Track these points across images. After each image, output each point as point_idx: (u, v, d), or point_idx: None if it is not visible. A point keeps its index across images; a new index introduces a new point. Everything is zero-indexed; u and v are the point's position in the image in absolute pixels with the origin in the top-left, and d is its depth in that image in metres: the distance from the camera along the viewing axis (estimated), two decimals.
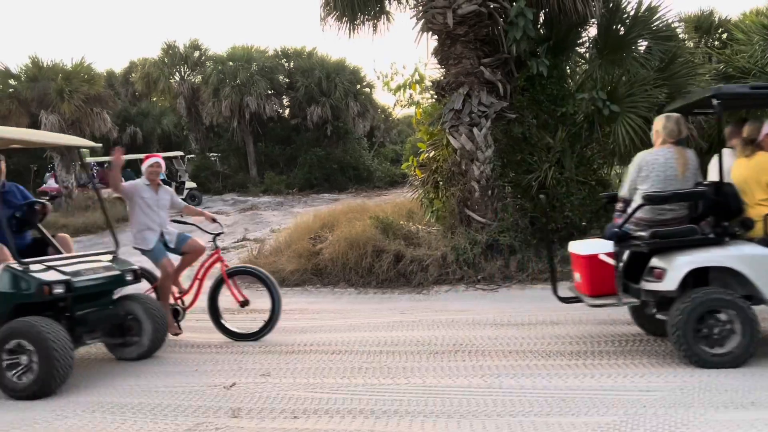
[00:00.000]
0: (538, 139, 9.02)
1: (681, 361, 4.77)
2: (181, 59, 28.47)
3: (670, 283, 4.62)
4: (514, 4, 8.59)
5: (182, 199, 23.63)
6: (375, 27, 10.92)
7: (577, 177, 9.01)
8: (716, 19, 16.13)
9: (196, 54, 28.69)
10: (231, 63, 26.96)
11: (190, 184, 22.73)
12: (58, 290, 4.91)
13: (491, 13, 8.77)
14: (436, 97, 10.09)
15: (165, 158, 24.90)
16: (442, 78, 9.60)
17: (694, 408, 3.90)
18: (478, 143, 8.86)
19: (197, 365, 5.47)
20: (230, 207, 21.45)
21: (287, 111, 29.34)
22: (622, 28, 9.42)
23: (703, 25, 15.85)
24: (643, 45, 9.58)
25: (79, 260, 5.45)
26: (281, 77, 28.49)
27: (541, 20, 9.60)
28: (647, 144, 9.16)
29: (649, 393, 4.18)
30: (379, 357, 5.38)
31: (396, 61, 39.73)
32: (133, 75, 30.77)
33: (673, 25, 9.94)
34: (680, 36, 12.05)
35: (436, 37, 9.39)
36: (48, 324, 4.75)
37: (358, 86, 28.82)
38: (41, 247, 5.80)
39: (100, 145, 6.72)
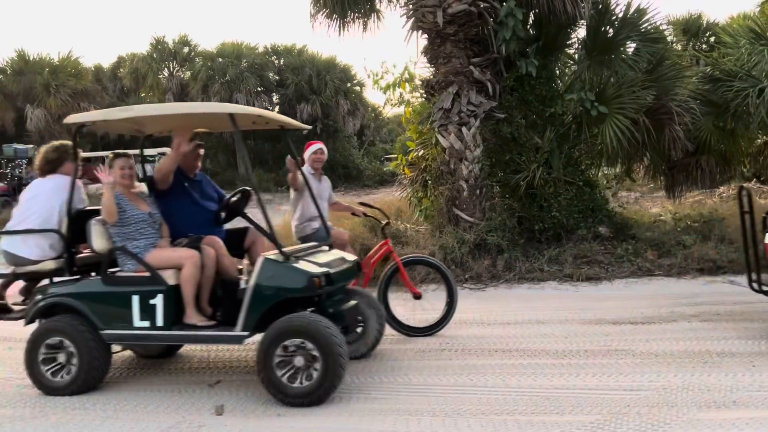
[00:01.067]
0: (527, 139, 9.05)
1: (665, 360, 4.80)
2: (170, 55, 28.33)
3: None
4: (504, 4, 8.61)
5: None
6: (365, 25, 10.92)
7: (565, 177, 9.05)
8: (704, 22, 16.29)
9: (185, 50, 28.55)
10: (220, 59, 26.85)
11: None
12: (324, 283, 4.39)
13: (481, 13, 8.78)
14: (425, 96, 10.10)
15: (148, 156, 24.69)
16: (431, 77, 9.61)
17: (677, 407, 3.92)
18: (467, 142, 8.87)
19: (181, 363, 5.43)
20: None
21: (277, 108, 29.24)
22: (610, 30, 9.48)
23: (692, 28, 16.00)
24: (631, 47, 9.64)
25: (312, 251, 4.94)
26: (271, 74, 28.42)
27: (531, 20, 9.63)
28: (634, 145, 9.26)
29: (633, 392, 4.20)
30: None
31: (386, 60, 39.62)
32: (121, 70, 30.57)
33: (661, 28, 10.02)
34: (668, 38, 12.16)
35: (426, 35, 9.39)
36: (326, 321, 4.22)
37: (349, 84, 28.81)
38: (238, 239, 5.35)
39: (310, 127, 6.43)
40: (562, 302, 7.25)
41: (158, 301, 4.45)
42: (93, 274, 4.87)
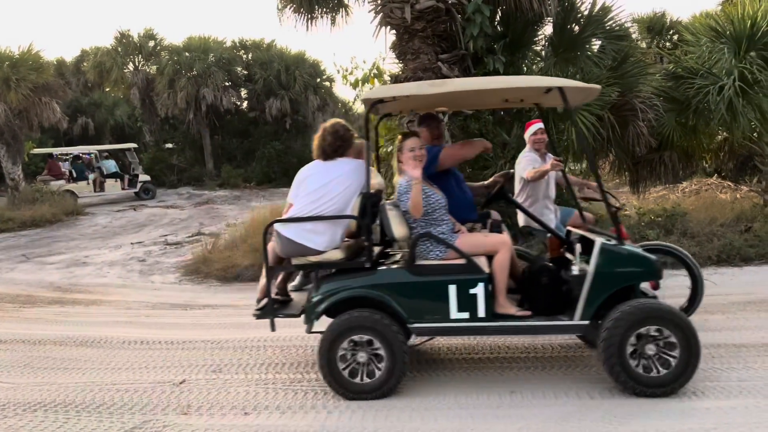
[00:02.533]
0: (494, 135, 9.11)
1: None
2: (135, 48, 27.79)
3: None
4: (471, 0, 8.64)
5: (135, 193, 23.18)
6: (333, 20, 10.86)
7: None
8: (668, 20, 16.59)
9: (151, 43, 28.03)
10: (187, 53, 26.42)
11: (143, 177, 22.22)
12: None
13: (449, 9, 8.80)
14: None
15: (117, 150, 24.21)
16: (400, 73, 9.59)
17: (640, 398, 3.99)
18: None
19: (146, 361, 5.34)
20: (185, 201, 21.06)
21: (245, 103, 28.94)
22: (576, 27, 9.58)
23: (656, 26, 16.28)
24: (596, 44, 9.76)
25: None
26: (239, 69, 28.08)
27: (498, 17, 9.68)
28: (599, 141, 9.39)
29: (598, 384, 4.27)
30: None
31: (356, 55, 39.53)
32: (84, 64, 29.89)
33: (626, 26, 10.17)
34: (633, 36, 12.34)
35: (394, 31, 9.37)
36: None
37: (318, 80, 28.61)
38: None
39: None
40: None
41: (479, 290, 4.13)
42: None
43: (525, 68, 10.30)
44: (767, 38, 9.24)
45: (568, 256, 4.61)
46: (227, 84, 26.94)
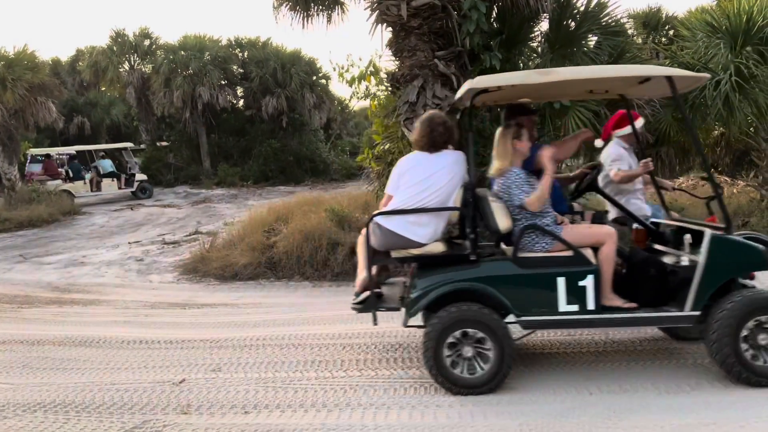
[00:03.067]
0: (491, 132, 9.10)
1: (626, 348, 4.92)
2: (130, 48, 27.69)
3: None
4: None
5: (132, 192, 23.14)
6: (329, 18, 10.84)
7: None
8: (663, 16, 16.58)
9: (147, 42, 27.94)
10: (183, 52, 26.35)
11: (140, 176, 22.18)
12: None
13: (445, 6, 8.78)
14: (390, 89, 10.07)
15: (114, 150, 24.16)
16: (396, 70, 9.57)
17: (638, 393, 4.01)
18: None
19: (145, 361, 5.34)
20: (182, 200, 21.03)
21: (241, 102, 28.87)
22: (572, 23, 9.57)
23: (651, 21, 16.27)
24: (592, 40, 9.76)
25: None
26: (235, 67, 28.01)
27: (495, 14, 9.67)
28: (596, 137, 9.39)
29: (597, 380, 4.28)
30: (332, 350, 5.36)
31: (352, 53, 39.51)
32: (80, 63, 29.81)
33: (621, 21, 10.15)
34: (629, 32, 12.34)
35: (390, 29, 9.36)
36: None
37: (314, 78, 28.55)
38: None
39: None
40: None
41: (588, 282, 4.09)
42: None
43: (521, 65, 10.30)
44: (763, 33, 9.25)
45: (658, 247, 4.60)
46: (223, 82, 26.88)
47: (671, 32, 15.67)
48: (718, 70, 9.34)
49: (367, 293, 4.46)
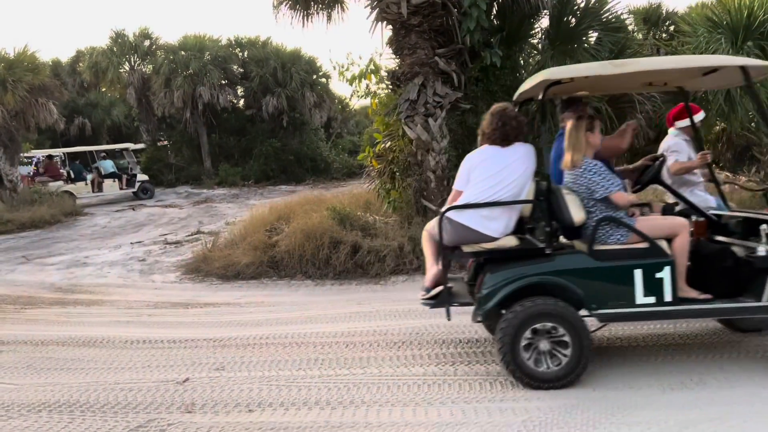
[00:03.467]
0: None
1: (630, 344, 4.91)
2: (130, 48, 27.68)
3: None
4: None
5: (133, 192, 23.14)
6: (329, 16, 10.85)
7: None
8: (664, 11, 16.53)
9: (147, 43, 27.93)
10: (183, 52, 26.33)
11: (141, 177, 22.19)
12: None
13: (445, 3, 8.78)
14: (391, 87, 10.07)
15: (113, 151, 24.10)
16: (397, 68, 9.58)
17: (642, 389, 4.01)
18: (434, 134, 8.89)
19: (149, 361, 5.35)
20: (184, 200, 21.03)
21: (242, 101, 28.85)
22: (573, 20, 9.57)
23: (652, 17, 16.22)
24: (593, 36, 9.76)
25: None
26: (235, 67, 27.99)
27: (495, 11, 9.67)
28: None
29: (600, 376, 4.28)
30: (335, 348, 5.36)
31: (352, 51, 39.47)
32: (80, 64, 29.80)
33: (622, 17, 10.16)
34: (629, 28, 12.33)
35: (390, 27, 9.36)
36: None
37: (315, 76, 28.52)
38: None
39: None
40: None
41: (665, 274, 4.06)
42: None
43: (522, 61, 10.30)
44: (764, 28, 9.24)
45: (720, 239, 4.58)
46: (223, 82, 26.86)
47: (672, 28, 15.63)
48: None
49: (440, 288, 4.41)
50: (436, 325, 5.93)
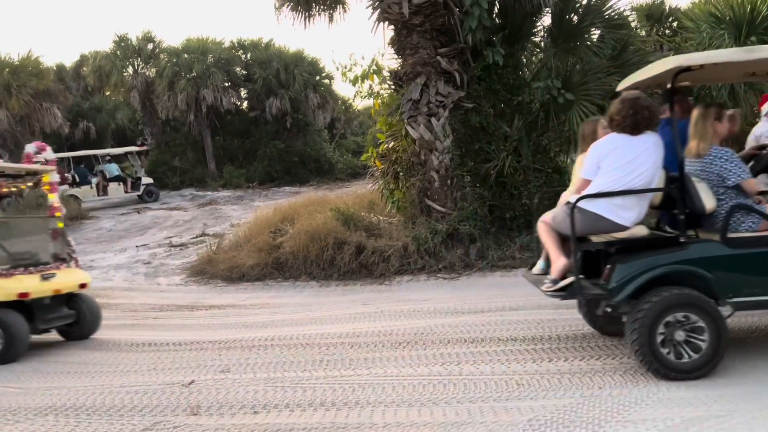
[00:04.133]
0: (496, 128, 9.10)
1: None
2: (134, 52, 27.76)
3: None
4: None
5: (138, 196, 23.15)
6: (331, 17, 10.86)
7: (534, 165, 9.12)
8: (667, 7, 16.49)
9: (150, 46, 28.00)
10: (186, 55, 26.39)
11: (146, 180, 22.24)
12: None
13: (446, 3, 8.78)
14: (394, 87, 10.07)
15: (119, 155, 24.09)
16: (399, 68, 9.58)
17: (647, 387, 3.99)
18: (437, 133, 8.88)
19: (154, 363, 5.36)
20: (188, 202, 21.09)
21: (245, 103, 28.91)
22: (575, 17, 9.55)
23: (655, 13, 16.18)
24: (596, 33, 9.74)
25: None
26: (238, 69, 28.04)
27: (496, 9, 9.66)
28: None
29: (605, 374, 4.27)
30: (340, 349, 5.36)
31: (354, 52, 39.45)
32: (84, 69, 29.88)
33: (624, 14, 10.14)
34: (632, 24, 12.30)
35: (392, 27, 9.36)
36: None
37: (318, 78, 28.55)
38: None
39: None
40: (534, 289, 7.30)
41: None
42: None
43: (524, 60, 10.28)
44: (767, 23, 9.20)
45: None
46: (227, 84, 26.90)
47: (675, 24, 15.59)
48: None
49: (570, 279, 4.31)
50: (441, 325, 5.93)
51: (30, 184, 6.61)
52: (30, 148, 6.86)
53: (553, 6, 9.21)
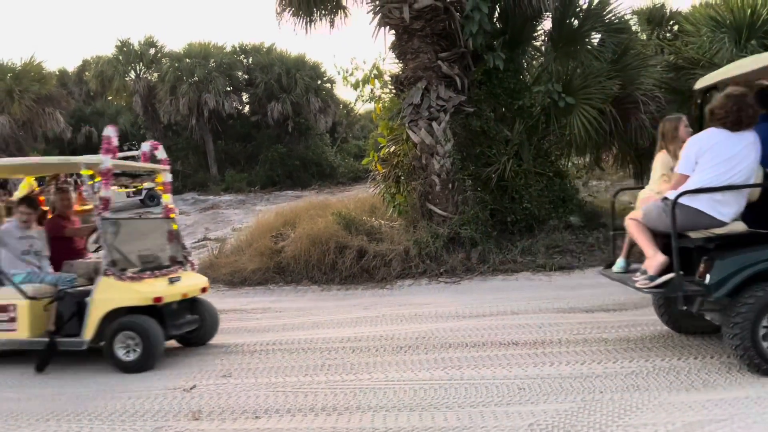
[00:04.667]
0: (496, 132, 9.12)
1: (636, 346, 4.90)
2: (136, 57, 27.90)
3: None
4: None
5: (141, 200, 23.21)
6: (332, 22, 10.89)
7: (535, 169, 9.14)
8: (668, 11, 16.50)
9: (152, 51, 28.14)
10: (188, 60, 26.51)
11: (148, 184, 22.30)
12: None
13: (447, 8, 8.81)
14: (395, 91, 10.10)
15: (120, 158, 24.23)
16: (400, 72, 9.61)
17: (648, 391, 3.99)
18: (438, 137, 8.90)
19: (156, 368, 5.37)
20: (190, 206, 21.13)
21: (247, 108, 29.00)
22: (575, 21, 9.58)
23: (655, 17, 16.18)
24: (596, 37, 9.77)
25: None
26: (240, 74, 28.17)
27: (497, 14, 9.69)
28: (602, 135, 9.39)
29: (606, 379, 4.27)
30: (341, 354, 5.37)
31: (356, 56, 39.51)
32: (86, 74, 30.06)
33: (625, 18, 10.17)
34: (633, 28, 12.32)
35: (393, 31, 9.39)
36: None
37: (319, 82, 28.67)
38: None
39: None
40: (536, 292, 7.33)
41: None
42: None
43: (525, 64, 10.31)
44: None
45: None
46: (228, 89, 27.01)
47: (675, 27, 15.60)
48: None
49: (670, 275, 4.26)
50: (442, 329, 5.93)
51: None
52: (145, 146, 6.80)
53: (553, 10, 9.24)
